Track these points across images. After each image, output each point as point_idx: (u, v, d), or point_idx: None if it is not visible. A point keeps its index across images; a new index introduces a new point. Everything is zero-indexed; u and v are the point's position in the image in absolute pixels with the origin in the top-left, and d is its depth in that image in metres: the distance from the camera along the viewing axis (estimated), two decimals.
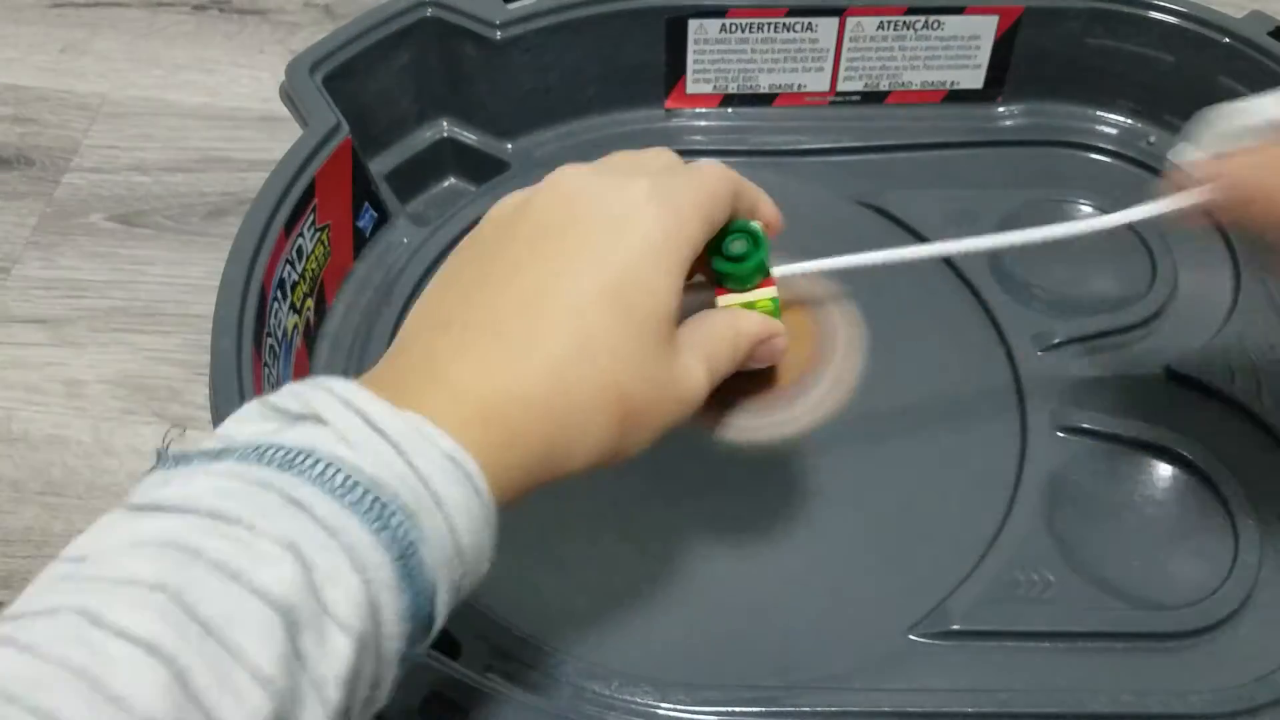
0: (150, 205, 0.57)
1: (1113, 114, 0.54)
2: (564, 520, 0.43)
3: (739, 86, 0.54)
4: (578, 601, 0.41)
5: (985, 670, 0.39)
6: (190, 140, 0.60)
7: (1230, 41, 0.50)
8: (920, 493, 0.43)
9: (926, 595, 0.40)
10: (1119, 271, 0.49)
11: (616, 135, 0.54)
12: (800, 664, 0.39)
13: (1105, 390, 0.46)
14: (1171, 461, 0.43)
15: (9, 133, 0.60)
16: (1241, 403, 0.45)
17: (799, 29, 0.52)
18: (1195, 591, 0.40)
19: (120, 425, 0.50)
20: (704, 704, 0.38)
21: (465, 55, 0.51)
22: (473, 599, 0.40)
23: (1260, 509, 0.42)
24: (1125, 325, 0.47)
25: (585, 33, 0.51)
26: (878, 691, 0.38)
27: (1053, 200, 0.51)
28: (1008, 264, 0.49)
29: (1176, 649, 0.39)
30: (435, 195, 0.53)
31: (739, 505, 0.43)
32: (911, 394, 0.46)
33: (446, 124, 0.53)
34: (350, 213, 0.48)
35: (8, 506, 0.47)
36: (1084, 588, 0.40)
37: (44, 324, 0.53)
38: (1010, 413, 0.45)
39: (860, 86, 0.54)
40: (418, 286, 0.48)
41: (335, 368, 0.46)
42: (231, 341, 0.40)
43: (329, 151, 0.46)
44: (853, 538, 0.42)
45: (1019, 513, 0.42)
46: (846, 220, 0.51)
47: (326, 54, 0.48)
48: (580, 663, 0.39)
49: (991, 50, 0.53)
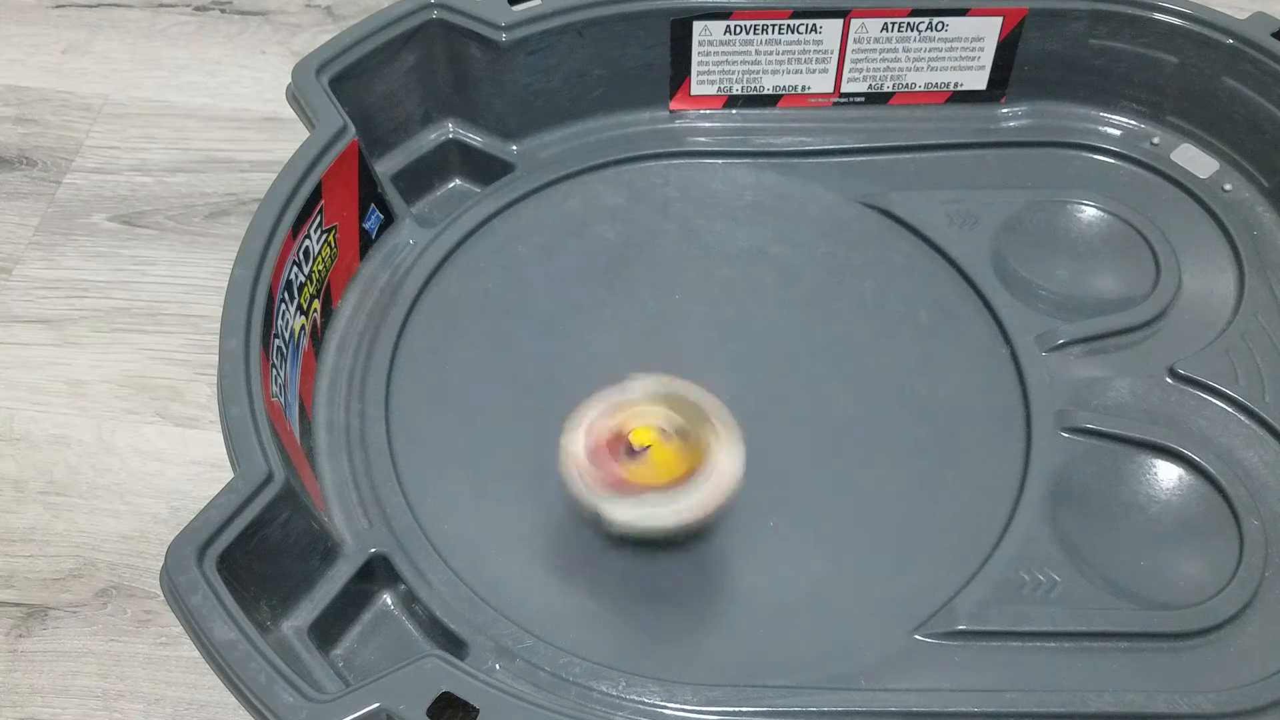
0: (152, 206, 0.57)
1: (1116, 115, 0.54)
2: (571, 521, 0.43)
3: (743, 88, 0.54)
4: (585, 602, 0.41)
5: (991, 670, 0.39)
6: (192, 141, 0.60)
7: (1234, 42, 0.50)
8: (925, 493, 0.43)
9: (932, 595, 0.41)
10: (1123, 272, 0.49)
11: (621, 137, 0.54)
12: (806, 664, 0.39)
13: (1110, 390, 0.46)
14: (1176, 462, 0.44)
15: (11, 133, 0.60)
16: (1246, 403, 0.45)
17: (803, 30, 0.52)
18: (1200, 592, 0.41)
19: (122, 425, 0.49)
20: (710, 704, 0.38)
21: (471, 57, 0.51)
22: (481, 599, 0.40)
23: (1265, 509, 0.42)
24: (1129, 325, 0.47)
25: (590, 34, 0.51)
26: (883, 691, 0.38)
27: (1056, 201, 0.51)
28: (1012, 264, 0.49)
29: (1182, 649, 0.40)
30: (441, 197, 0.53)
31: (745, 507, 0.43)
32: (916, 394, 0.46)
33: (452, 126, 0.53)
34: (357, 214, 0.48)
35: (10, 506, 0.47)
36: (1089, 588, 0.40)
37: (46, 324, 0.53)
38: (1015, 413, 0.45)
39: (864, 88, 0.54)
40: (424, 288, 0.48)
41: (342, 369, 0.46)
42: (239, 343, 0.40)
43: (336, 153, 0.46)
44: (858, 538, 0.42)
45: (1024, 513, 0.42)
46: (850, 221, 0.51)
47: (333, 56, 0.48)
48: (587, 663, 0.39)
49: (995, 51, 0.53)
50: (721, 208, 0.52)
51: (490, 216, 0.51)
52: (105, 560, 0.46)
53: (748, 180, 0.53)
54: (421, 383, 0.46)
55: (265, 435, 0.38)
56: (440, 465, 0.44)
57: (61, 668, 0.43)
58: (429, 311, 0.48)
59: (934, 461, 0.44)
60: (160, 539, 0.46)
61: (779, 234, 0.51)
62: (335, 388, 0.46)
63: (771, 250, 0.51)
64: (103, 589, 0.45)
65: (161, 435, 0.49)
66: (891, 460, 0.44)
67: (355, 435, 0.44)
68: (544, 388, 0.46)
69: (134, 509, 0.47)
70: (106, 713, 0.42)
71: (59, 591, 0.45)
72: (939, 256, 0.50)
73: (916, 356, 0.47)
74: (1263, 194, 0.52)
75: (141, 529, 0.46)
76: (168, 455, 0.49)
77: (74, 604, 0.45)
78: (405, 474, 0.43)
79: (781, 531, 0.43)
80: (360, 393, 0.46)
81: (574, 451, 0.39)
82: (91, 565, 0.46)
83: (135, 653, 0.44)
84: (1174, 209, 0.52)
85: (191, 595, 0.34)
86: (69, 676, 0.43)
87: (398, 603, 0.41)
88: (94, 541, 0.46)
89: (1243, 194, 0.52)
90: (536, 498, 0.43)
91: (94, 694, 0.43)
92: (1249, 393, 0.45)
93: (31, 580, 0.45)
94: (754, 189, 0.53)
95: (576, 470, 0.39)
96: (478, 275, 0.50)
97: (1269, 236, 0.51)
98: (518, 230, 0.51)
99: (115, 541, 0.46)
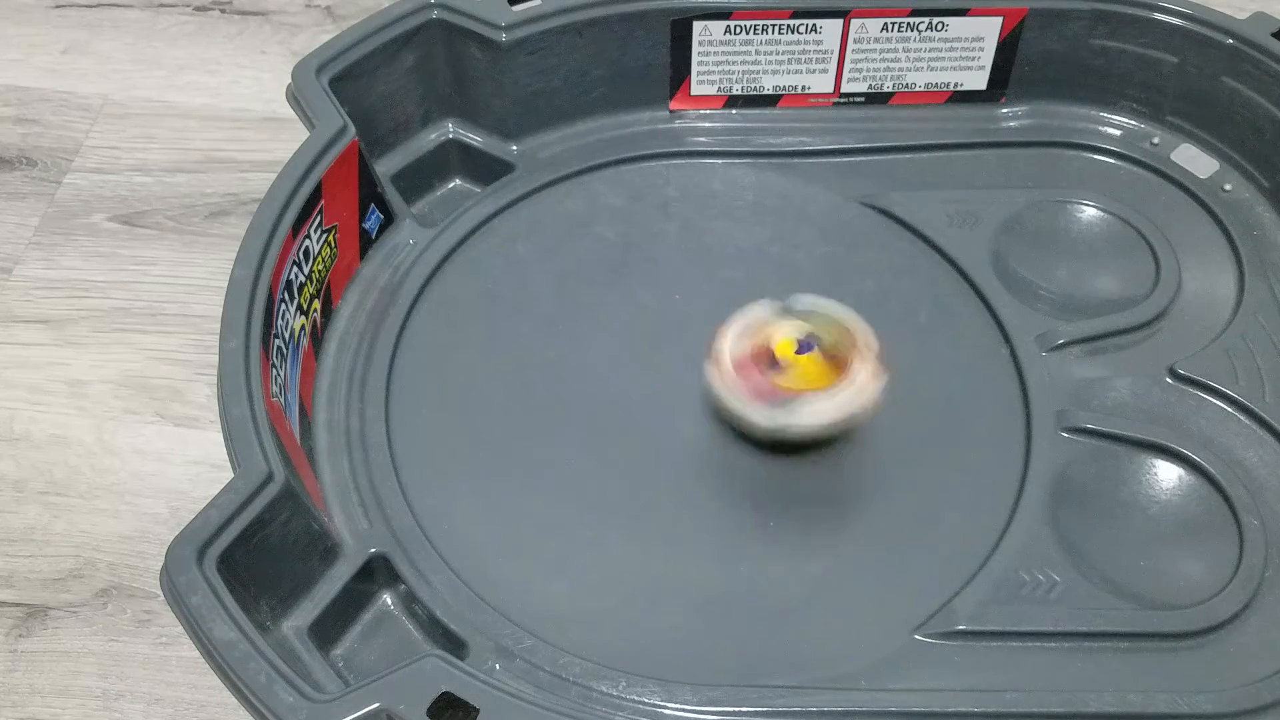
0: (152, 206, 0.57)
1: (1116, 115, 0.54)
2: (571, 521, 0.43)
3: (743, 88, 0.54)
4: (585, 602, 0.41)
5: (991, 670, 0.39)
6: (192, 141, 0.60)
7: (1234, 43, 0.50)
8: (925, 493, 0.43)
9: (932, 595, 0.41)
10: (1123, 272, 0.49)
11: (621, 137, 0.54)
12: (806, 664, 0.39)
13: (1110, 391, 0.46)
14: (1176, 462, 0.44)
15: (11, 133, 0.60)
16: (1246, 403, 0.45)
17: (803, 30, 0.52)
18: (1200, 592, 0.41)
19: (122, 425, 0.50)
20: (710, 704, 0.38)
21: (470, 57, 0.51)
22: (481, 599, 0.40)
23: (1265, 509, 0.42)
24: (1129, 325, 0.47)
25: (590, 34, 0.51)
26: (883, 691, 0.38)
27: (1056, 201, 0.51)
28: (1012, 264, 0.49)
29: (1182, 649, 0.40)
30: (441, 197, 0.53)
31: (745, 507, 0.43)
32: (916, 395, 0.46)
33: (452, 126, 0.53)
34: (357, 214, 0.48)
35: (10, 506, 0.47)
36: (1089, 588, 0.40)
37: (46, 324, 0.53)
38: (1015, 413, 0.45)
39: (864, 88, 0.55)
40: (424, 288, 0.49)
41: (342, 369, 0.46)
42: (239, 343, 0.40)
43: (336, 153, 0.46)
44: (858, 538, 0.42)
45: (1024, 513, 0.42)
46: (850, 221, 0.51)
47: (333, 56, 0.48)
48: (587, 663, 0.39)
49: (995, 51, 0.53)
50: (721, 208, 0.52)
51: (490, 216, 0.51)
52: (105, 560, 0.46)
53: (748, 180, 0.53)
54: (421, 383, 0.46)
55: (265, 435, 0.38)
56: (440, 465, 0.44)
57: (61, 668, 0.43)
58: (429, 311, 0.48)
59: (934, 461, 0.44)
60: (160, 539, 0.46)
61: (779, 234, 0.51)
62: (335, 388, 0.46)
63: (771, 250, 0.51)
64: (103, 589, 0.45)
65: (161, 435, 0.49)
66: (891, 460, 0.44)
67: (355, 435, 0.44)
68: (544, 388, 0.46)
69: (134, 509, 0.47)
70: (106, 713, 0.42)
71: (59, 591, 0.45)
72: (939, 256, 0.50)
73: (916, 356, 0.47)
74: (1263, 194, 0.52)
75: (141, 529, 0.46)
76: (168, 455, 0.49)
77: (74, 604, 0.45)
78: (405, 474, 0.43)
79: (781, 531, 0.43)
80: (360, 393, 0.46)
81: (724, 367, 0.43)
82: (91, 565, 0.46)
83: (135, 653, 0.44)
84: (1174, 209, 0.52)
85: (191, 595, 0.34)
86: (69, 676, 0.43)
87: (398, 603, 0.41)
88: (94, 541, 0.46)
89: (1243, 194, 0.52)
90: (536, 497, 0.43)
91: (94, 694, 0.43)
92: (1249, 393, 0.45)
93: (31, 580, 0.45)
94: (754, 189, 0.53)
95: (727, 385, 0.43)
96: (478, 275, 0.50)
97: (1269, 236, 0.51)
98: (518, 230, 0.51)
99: (115, 541, 0.46)
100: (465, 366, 0.47)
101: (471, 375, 0.47)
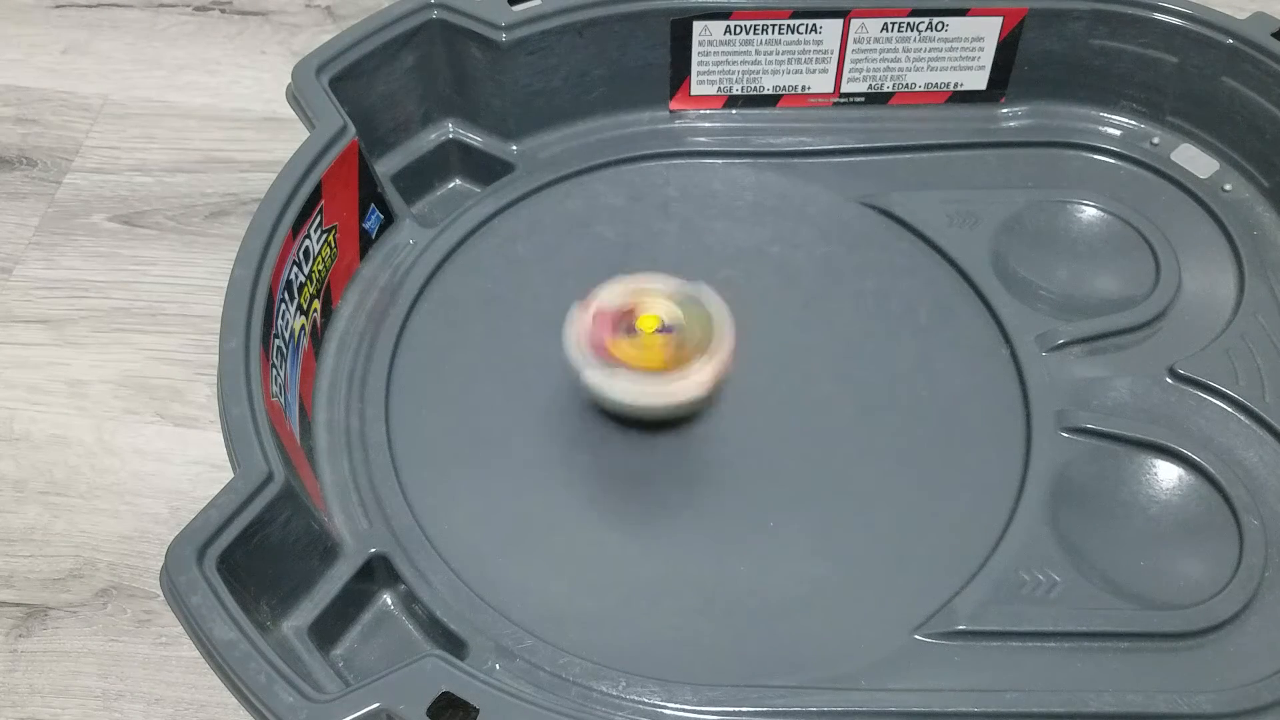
0: (152, 206, 0.57)
1: (1116, 115, 0.54)
2: (571, 521, 0.43)
3: (743, 88, 0.54)
4: (585, 602, 0.41)
5: (991, 670, 0.39)
6: (192, 141, 0.60)
7: (1234, 43, 0.50)
8: (925, 493, 0.43)
9: (932, 595, 0.41)
10: (1123, 272, 0.49)
11: (621, 137, 0.54)
12: (806, 664, 0.39)
13: (1109, 391, 0.46)
14: (1176, 462, 0.44)
15: (11, 133, 0.60)
16: (1246, 403, 0.45)
17: (803, 30, 0.52)
18: (1200, 592, 0.41)
19: (122, 425, 0.50)
20: (710, 704, 0.38)
21: (470, 57, 0.51)
22: (481, 599, 0.40)
23: (1265, 509, 0.42)
24: (1129, 325, 0.47)
25: (590, 34, 0.51)
26: (883, 692, 0.38)
27: (1056, 201, 0.51)
28: (1012, 264, 0.49)
29: (1182, 649, 0.40)
30: (441, 197, 0.53)
31: (745, 507, 0.43)
32: (915, 394, 0.46)
33: (452, 126, 0.53)
34: (357, 214, 0.48)
35: (10, 506, 0.47)
36: (1089, 588, 0.40)
37: (46, 324, 0.53)
38: (1015, 413, 0.45)
39: (864, 88, 0.55)
40: (424, 288, 0.48)
41: (342, 369, 0.46)
42: (239, 343, 0.40)
43: (336, 153, 0.46)
44: (858, 538, 0.42)
45: (1024, 513, 0.42)
46: (850, 221, 0.51)
47: (333, 56, 0.48)
48: (587, 663, 0.39)
49: (995, 51, 0.53)
50: (721, 208, 0.52)
51: (490, 216, 0.51)
52: (105, 560, 0.46)
53: (748, 180, 0.53)
54: (421, 383, 0.46)
55: (265, 435, 0.38)
56: (440, 465, 0.44)
57: (61, 668, 0.43)
58: (429, 311, 0.48)
59: (934, 461, 0.44)
60: (160, 539, 0.46)
61: (779, 234, 0.51)
62: (335, 388, 0.46)
63: (771, 250, 0.51)
64: (103, 589, 0.45)
65: (161, 435, 0.49)
66: (891, 460, 0.44)
67: (355, 435, 0.44)
68: (544, 388, 0.46)
69: (134, 509, 0.47)
70: (106, 713, 0.42)
71: (59, 591, 0.45)
72: (939, 256, 0.50)
73: (916, 356, 0.47)
74: (1263, 194, 0.52)
75: (141, 529, 0.47)
76: (168, 455, 0.49)
77: (74, 604, 0.45)
78: (405, 474, 0.43)
79: (781, 531, 0.43)
80: (360, 393, 0.46)
81: (585, 311, 0.43)
82: (91, 565, 0.46)
83: (135, 653, 0.44)
84: (1174, 209, 0.52)
85: (191, 595, 0.34)
86: (69, 676, 0.43)
87: (398, 603, 0.41)
88: (94, 541, 0.46)
89: (1243, 194, 0.52)
90: (536, 497, 0.43)
91: (94, 694, 0.43)
92: (1249, 393, 0.45)
93: (31, 580, 0.45)
94: (754, 189, 0.53)
95: (577, 329, 0.43)
96: (478, 275, 0.50)
97: (1269, 236, 0.51)
98: (518, 230, 0.51)
99: (115, 541, 0.46)
100: (465, 366, 0.47)
101: (471, 375, 0.47)
